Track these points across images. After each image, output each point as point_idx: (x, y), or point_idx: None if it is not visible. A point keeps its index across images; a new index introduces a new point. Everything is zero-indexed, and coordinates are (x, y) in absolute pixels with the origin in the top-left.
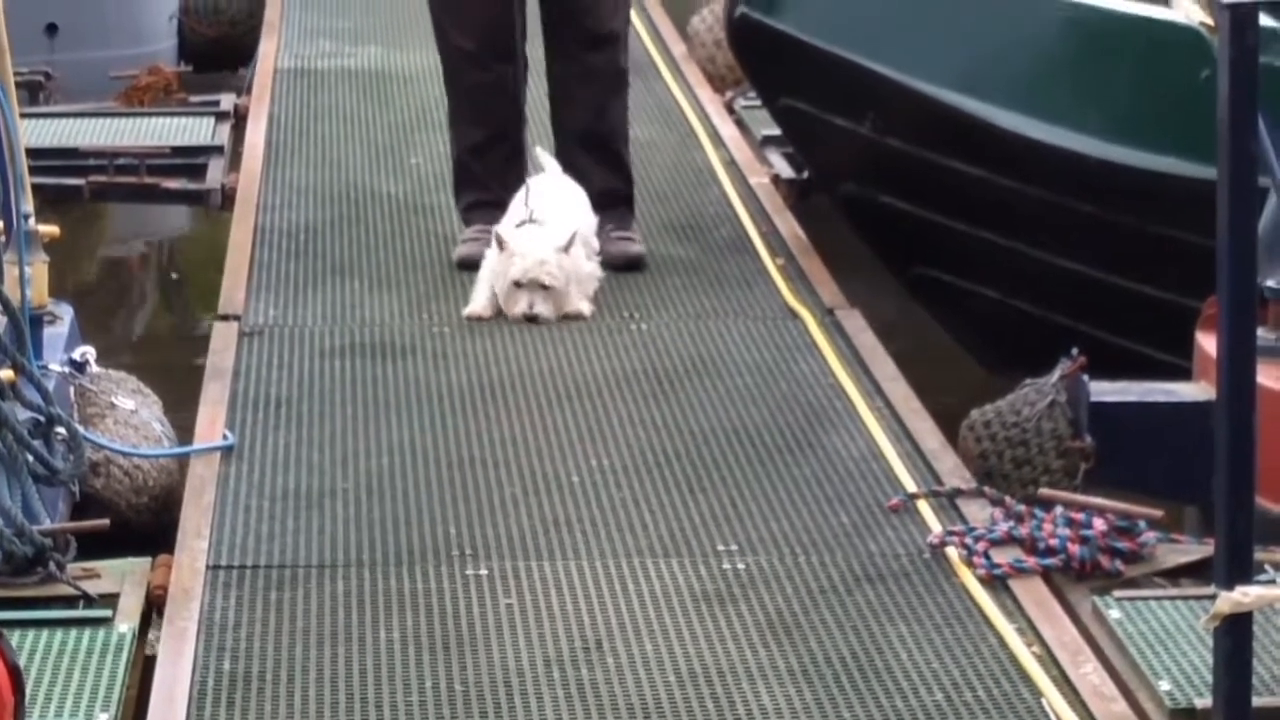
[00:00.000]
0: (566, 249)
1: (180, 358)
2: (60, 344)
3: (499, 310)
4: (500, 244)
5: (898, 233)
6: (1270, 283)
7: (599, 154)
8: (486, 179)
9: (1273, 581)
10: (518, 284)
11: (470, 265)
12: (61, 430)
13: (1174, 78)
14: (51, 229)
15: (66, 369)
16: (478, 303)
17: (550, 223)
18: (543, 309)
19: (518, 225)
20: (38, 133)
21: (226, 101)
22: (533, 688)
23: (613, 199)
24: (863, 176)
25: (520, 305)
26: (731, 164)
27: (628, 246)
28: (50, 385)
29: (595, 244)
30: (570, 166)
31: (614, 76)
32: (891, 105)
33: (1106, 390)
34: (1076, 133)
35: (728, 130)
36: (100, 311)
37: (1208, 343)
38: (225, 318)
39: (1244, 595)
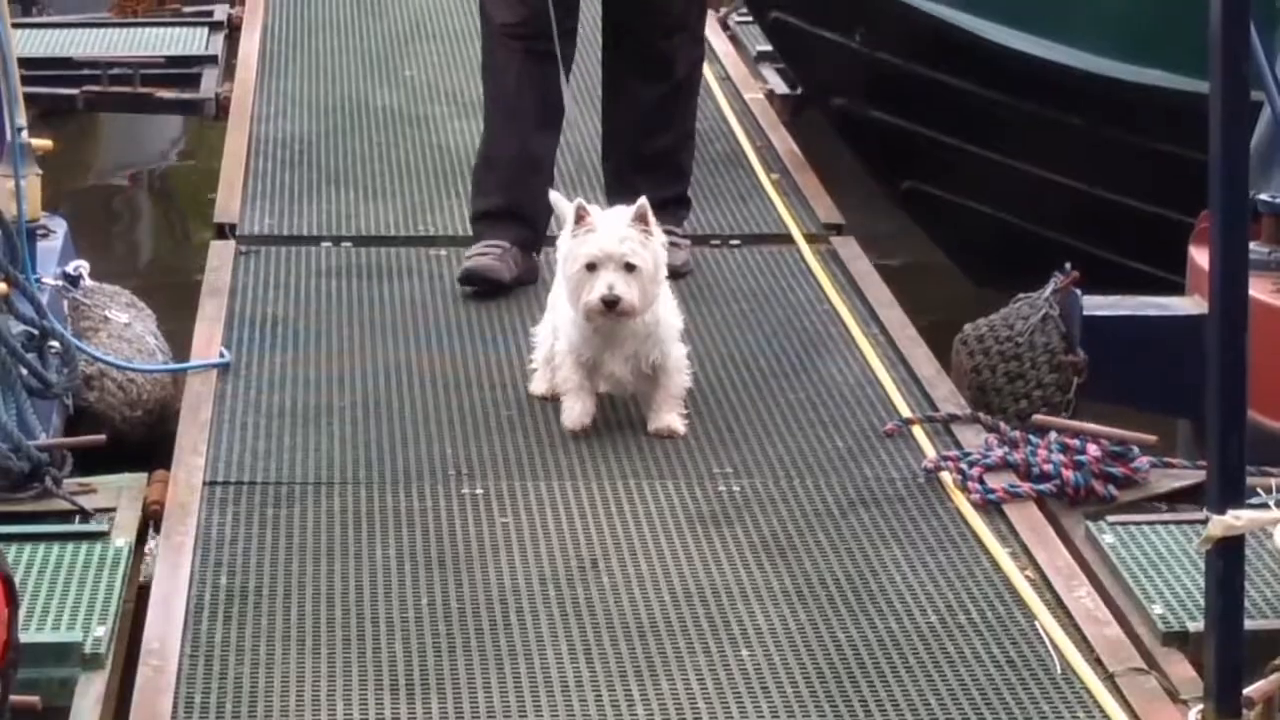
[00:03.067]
0: (644, 219)
1: (174, 273)
2: (54, 258)
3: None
4: (579, 217)
5: (888, 147)
6: (1263, 196)
7: (659, 167)
8: (501, 188)
9: (1265, 505)
10: (592, 266)
11: (473, 280)
12: (55, 343)
13: None
14: (45, 142)
15: (60, 282)
16: (538, 382)
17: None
18: (625, 292)
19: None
20: (31, 43)
21: (220, 11)
22: (528, 605)
23: (664, 203)
24: (853, 91)
25: (598, 289)
26: (726, 79)
27: (670, 254)
28: (44, 299)
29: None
30: (619, 178)
31: (690, 69)
32: (880, 19)
33: (1100, 304)
34: (1066, 46)
35: (722, 45)
36: (94, 226)
37: (1200, 257)
38: (221, 228)
39: (1236, 519)
